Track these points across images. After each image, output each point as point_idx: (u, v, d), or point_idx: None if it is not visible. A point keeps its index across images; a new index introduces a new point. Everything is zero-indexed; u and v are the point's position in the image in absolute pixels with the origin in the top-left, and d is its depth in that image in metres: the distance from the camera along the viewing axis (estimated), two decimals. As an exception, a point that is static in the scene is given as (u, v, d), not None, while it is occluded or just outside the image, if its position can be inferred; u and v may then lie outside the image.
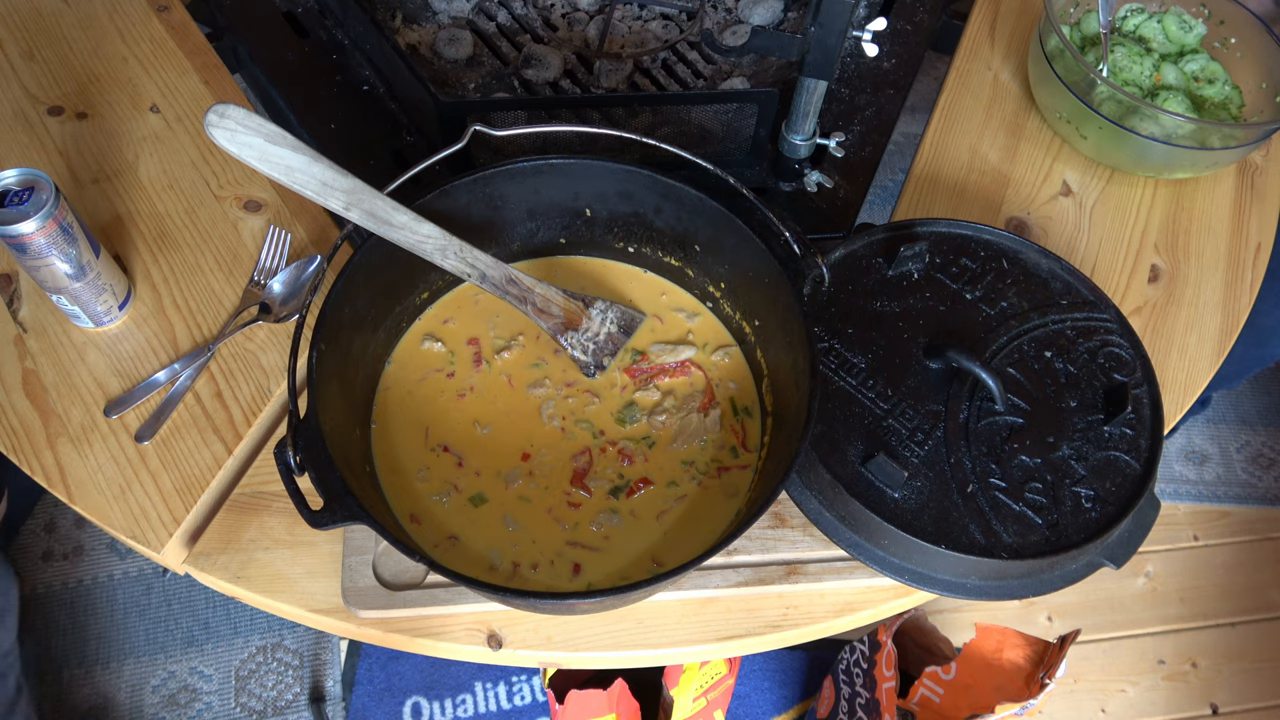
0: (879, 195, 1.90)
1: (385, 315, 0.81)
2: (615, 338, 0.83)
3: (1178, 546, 1.75)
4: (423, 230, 0.72)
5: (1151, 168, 1.02)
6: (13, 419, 0.81)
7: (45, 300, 0.86)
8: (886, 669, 1.20)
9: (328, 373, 0.69)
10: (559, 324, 0.80)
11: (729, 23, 1.13)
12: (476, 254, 0.75)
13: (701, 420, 0.80)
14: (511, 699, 1.52)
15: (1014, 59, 1.13)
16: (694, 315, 0.86)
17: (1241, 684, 1.63)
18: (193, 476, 0.79)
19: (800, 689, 1.56)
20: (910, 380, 0.79)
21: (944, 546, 0.71)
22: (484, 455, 0.78)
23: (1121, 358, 0.82)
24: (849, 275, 0.85)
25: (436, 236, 0.72)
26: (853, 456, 0.75)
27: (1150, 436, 0.78)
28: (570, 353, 0.81)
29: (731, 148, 0.98)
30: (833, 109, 1.04)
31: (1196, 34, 1.07)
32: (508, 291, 0.78)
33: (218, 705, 1.49)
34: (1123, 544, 0.75)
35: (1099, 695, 1.60)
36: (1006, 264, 0.86)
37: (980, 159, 1.04)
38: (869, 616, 0.79)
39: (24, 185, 0.75)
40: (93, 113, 0.99)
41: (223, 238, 0.92)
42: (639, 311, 0.84)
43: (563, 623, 0.76)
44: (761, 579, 0.77)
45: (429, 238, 0.72)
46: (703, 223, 0.80)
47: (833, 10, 0.80)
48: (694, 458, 0.79)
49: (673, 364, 0.83)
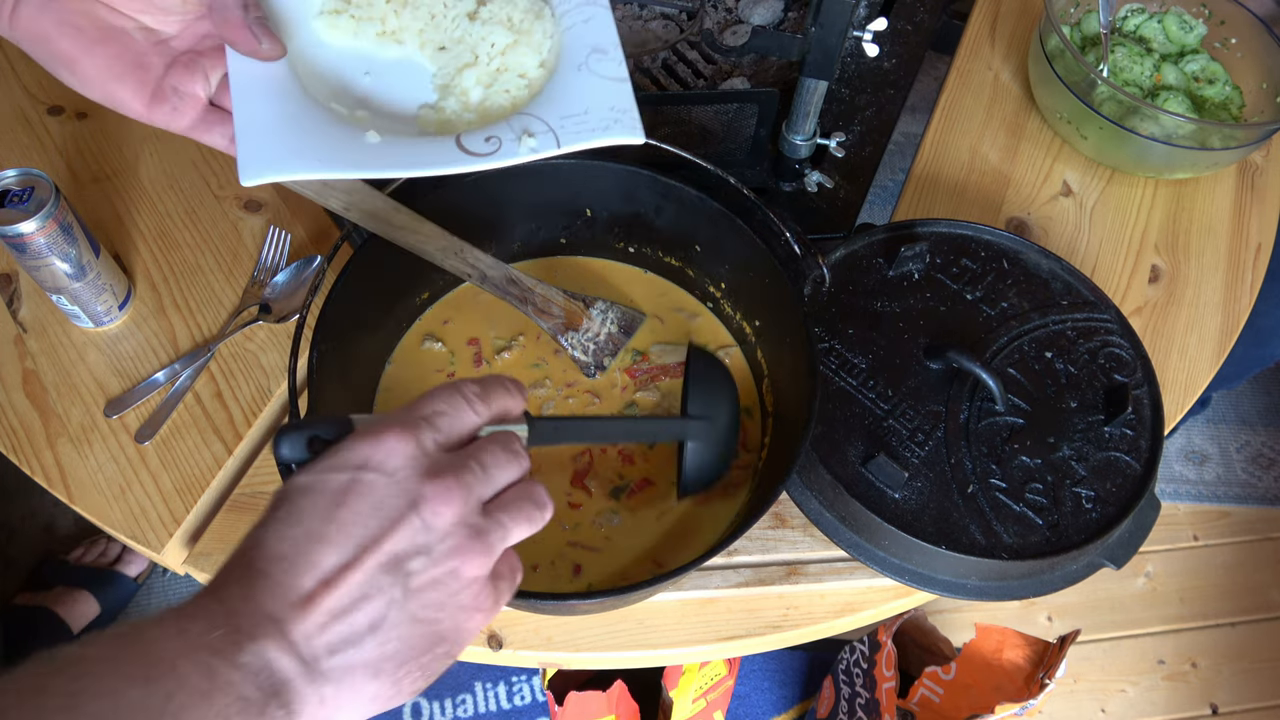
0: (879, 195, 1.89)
1: (385, 315, 0.81)
2: (616, 338, 0.83)
3: (1178, 546, 1.75)
4: (423, 231, 0.71)
5: (1152, 168, 1.02)
6: (13, 419, 0.81)
7: (45, 300, 0.86)
8: (886, 669, 1.20)
9: (328, 373, 0.69)
10: (559, 324, 0.80)
11: (729, 23, 1.12)
12: (477, 254, 0.75)
13: None
14: (511, 699, 1.52)
15: (1014, 59, 1.13)
16: (694, 315, 0.86)
17: (1241, 684, 1.63)
18: (193, 476, 0.79)
19: (800, 689, 1.56)
20: (911, 381, 0.79)
21: (944, 547, 0.71)
22: (484, 455, 0.78)
23: (1122, 358, 0.82)
24: (849, 275, 0.85)
25: (437, 237, 0.72)
26: (853, 457, 0.75)
27: (1150, 437, 0.78)
28: (571, 353, 0.80)
29: (732, 148, 0.98)
30: (833, 109, 1.04)
31: (1197, 34, 1.07)
32: (508, 292, 0.78)
33: (218, 705, 1.49)
34: (1123, 544, 0.75)
35: (1099, 695, 1.60)
36: (1007, 264, 0.86)
37: (980, 159, 1.04)
38: (869, 617, 0.79)
39: (24, 185, 0.75)
40: (93, 112, 0.99)
41: (223, 238, 0.92)
42: (639, 311, 0.84)
43: (563, 623, 0.76)
44: (762, 579, 0.77)
45: (430, 238, 0.72)
46: (703, 223, 0.80)
47: (833, 10, 0.80)
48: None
49: (673, 364, 0.83)
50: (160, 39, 0.56)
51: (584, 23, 0.63)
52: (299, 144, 0.54)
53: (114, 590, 1.51)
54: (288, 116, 0.55)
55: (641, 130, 0.59)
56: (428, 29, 0.62)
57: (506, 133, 0.58)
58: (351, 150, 0.55)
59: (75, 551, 1.54)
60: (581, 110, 0.59)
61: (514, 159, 0.57)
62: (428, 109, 0.61)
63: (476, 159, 0.56)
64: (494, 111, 0.60)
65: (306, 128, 0.55)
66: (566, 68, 0.61)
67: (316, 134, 0.55)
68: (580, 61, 0.61)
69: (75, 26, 0.52)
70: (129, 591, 1.54)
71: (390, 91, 0.61)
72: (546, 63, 0.62)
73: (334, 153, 0.55)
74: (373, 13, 0.61)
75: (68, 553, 1.54)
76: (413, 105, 0.60)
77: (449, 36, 0.62)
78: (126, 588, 1.53)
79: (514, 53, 0.61)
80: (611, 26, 0.62)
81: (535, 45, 0.62)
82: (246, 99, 0.55)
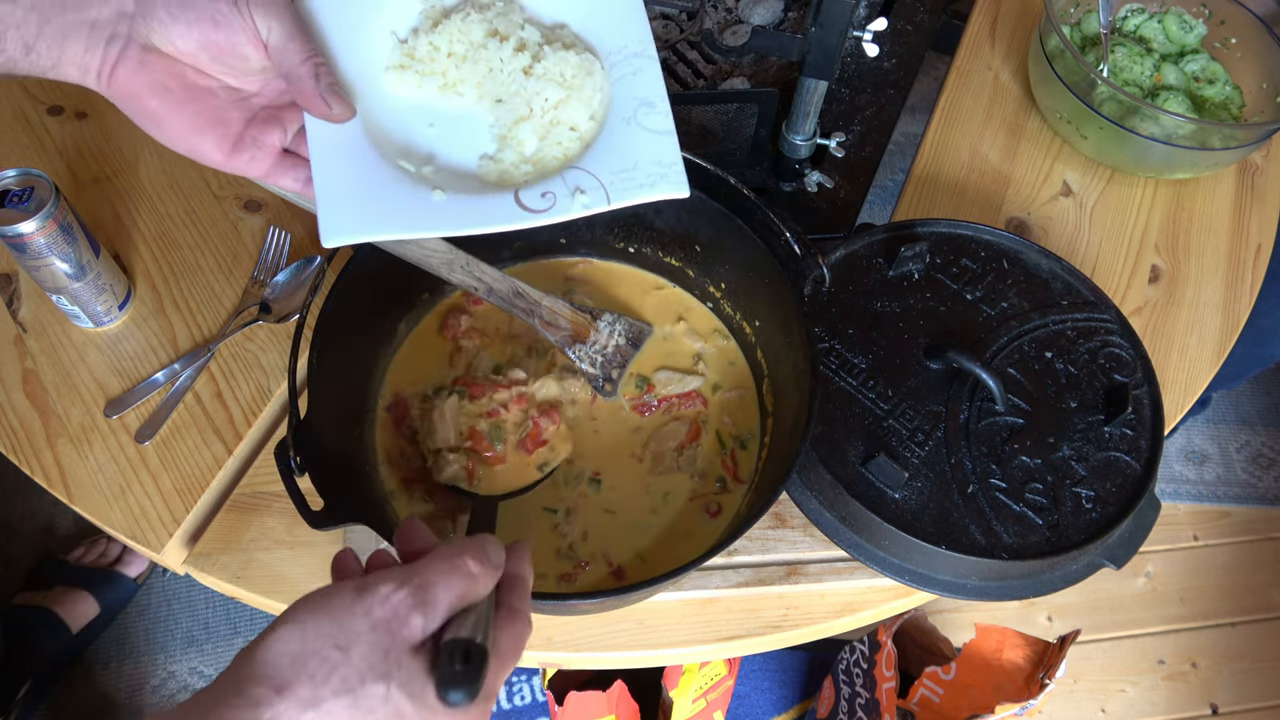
0: (879, 195, 1.90)
1: (386, 315, 0.80)
2: (624, 350, 0.82)
3: (1178, 546, 1.75)
4: (429, 245, 0.71)
5: (1152, 168, 1.02)
6: (13, 419, 0.81)
7: (45, 300, 0.86)
8: (886, 669, 1.20)
9: (328, 373, 0.69)
10: (567, 337, 0.80)
11: (729, 23, 1.12)
12: (483, 268, 0.75)
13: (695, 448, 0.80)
14: (511, 699, 1.52)
15: (1014, 59, 1.13)
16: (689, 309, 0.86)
17: (1241, 684, 1.63)
18: (193, 476, 0.79)
19: (800, 689, 1.56)
20: (911, 381, 0.79)
21: (944, 547, 0.71)
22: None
23: (1122, 358, 0.82)
24: (849, 275, 0.85)
25: (443, 250, 0.72)
26: (853, 457, 0.75)
27: (1150, 437, 0.78)
28: (579, 366, 0.80)
29: (732, 148, 0.98)
30: (833, 109, 1.04)
31: (1197, 34, 1.07)
32: (515, 305, 0.77)
33: (217, 705, 1.49)
34: (1123, 544, 0.75)
35: (1099, 695, 1.60)
36: (1007, 264, 0.86)
37: (980, 159, 1.04)
38: (869, 617, 0.79)
39: (24, 185, 0.75)
40: (92, 112, 0.99)
41: (223, 237, 0.92)
42: (647, 324, 0.84)
43: (563, 623, 0.76)
44: (762, 579, 0.77)
45: (435, 252, 0.71)
46: (703, 223, 0.80)
47: (833, 10, 0.80)
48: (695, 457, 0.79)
49: (680, 394, 0.82)
50: (242, 96, 0.60)
51: (632, 75, 0.66)
52: (374, 207, 0.59)
53: (114, 590, 1.51)
54: (362, 178, 0.60)
55: (687, 185, 0.62)
56: (486, 81, 0.65)
57: (560, 188, 0.61)
58: (421, 210, 0.59)
59: (75, 551, 1.54)
60: (630, 165, 0.63)
61: (568, 215, 0.60)
62: (487, 160, 0.64)
63: (534, 215, 0.60)
64: (547, 163, 0.64)
65: (379, 190, 0.59)
66: (616, 120, 0.65)
67: (389, 196, 0.59)
68: (629, 114, 0.64)
69: (164, 87, 0.56)
70: (129, 592, 1.54)
71: (453, 143, 0.64)
72: (596, 115, 0.65)
73: (406, 214, 0.59)
74: (435, 67, 0.64)
75: (68, 553, 1.54)
76: (474, 156, 0.64)
77: (506, 90, 0.65)
78: (126, 588, 1.53)
79: (566, 107, 0.64)
80: (659, 79, 0.65)
81: (586, 99, 0.65)
82: (324, 161, 0.59)
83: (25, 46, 0.53)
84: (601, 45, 0.67)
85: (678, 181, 0.62)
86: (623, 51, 0.66)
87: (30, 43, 0.53)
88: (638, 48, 0.66)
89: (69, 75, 0.55)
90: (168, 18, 0.54)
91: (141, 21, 0.54)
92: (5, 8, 0.52)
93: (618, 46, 0.67)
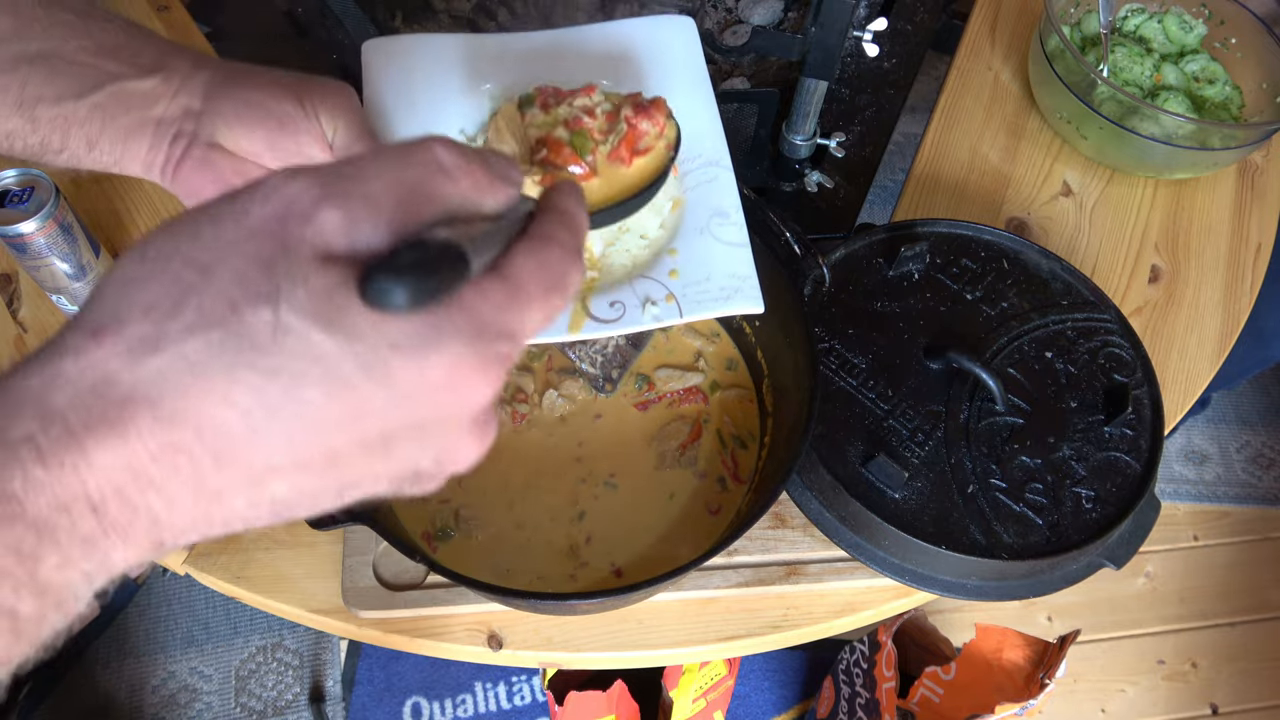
0: (879, 195, 1.90)
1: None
2: (624, 350, 0.82)
3: (1178, 546, 1.75)
4: None
5: (1152, 168, 1.02)
6: (13, 419, 0.81)
7: (45, 300, 0.86)
8: (886, 669, 1.20)
9: (328, 373, 0.69)
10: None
11: (729, 23, 1.12)
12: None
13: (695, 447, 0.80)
14: (511, 699, 1.52)
15: (1014, 59, 1.13)
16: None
17: (1241, 684, 1.63)
18: (193, 477, 0.79)
19: (800, 689, 1.56)
20: (911, 381, 0.79)
21: (944, 547, 0.71)
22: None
23: (1122, 358, 0.82)
24: (849, 275, 0.85)
25: None
26: (853, 457, 0.75)
27: (1150, 437, 0.78)
28: (578, 365, 0.80)
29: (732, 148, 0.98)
30: (833, 109, 1.04)
31: (1197, 34, 1.07)
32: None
33: (218, 705, 1.49)
34: (1123, 544, 0.75)
35: (1099, 695, 1.60)
36: (1007, 264, 0.86)
37: (980, 159, 1.04)
38: (869, 617, 0.79)
39: (24, 185, 0.75)
40: (93, 112, 0.99)
41: (223, 238, 0.92)
42: None
43: (563, 623, 0.76)
44: (762, 579, 0.77)
45: None
46: (703, 223, 0.79)
47: (833, 10, 0.80)
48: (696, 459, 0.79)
49: (681, 390, 0.82)
50: None
51: (707, 183, 0.64)
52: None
53: (114, 590, 1.51)
54: None
55: (761, 300, 0.61)
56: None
57: (630, 297, 0.60)
58: None
59: (75, 551, 1.54)
60: (704, 277, 0.61)
61: (638, 326, 0.59)
62: None
63: (604, 325, 0.59)
64: (615, 270, 0.62)
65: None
66: (689, 230, 0.63)
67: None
68: (702, 225, 0.63)
69: (228, 184, 0.55)
70: (129, 591, 1.54)
71: None
72: (666, 223, 0.64)
73: None
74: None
75: (68, 553, 1.54)
76: None
77: None
78: (126, 588, 1.53)
79: (636, 216, 0.62)
80: (734, 188, 0.64)
81: (656, 208, 0.63)
82: None
83: (89, 144, 0.53)
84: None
85: (752, 296, 0.61)
86: (698, 159, 0.65)
87: (94, 140, 0.53)
88: (713, 156, 0.65)
89: (132, 171, 0.55)
90: (234, 117, 0.53)
91: (208, 120, 0.53)
92: (69, 105, 0.51)
93: (693, 155, 0.65)
